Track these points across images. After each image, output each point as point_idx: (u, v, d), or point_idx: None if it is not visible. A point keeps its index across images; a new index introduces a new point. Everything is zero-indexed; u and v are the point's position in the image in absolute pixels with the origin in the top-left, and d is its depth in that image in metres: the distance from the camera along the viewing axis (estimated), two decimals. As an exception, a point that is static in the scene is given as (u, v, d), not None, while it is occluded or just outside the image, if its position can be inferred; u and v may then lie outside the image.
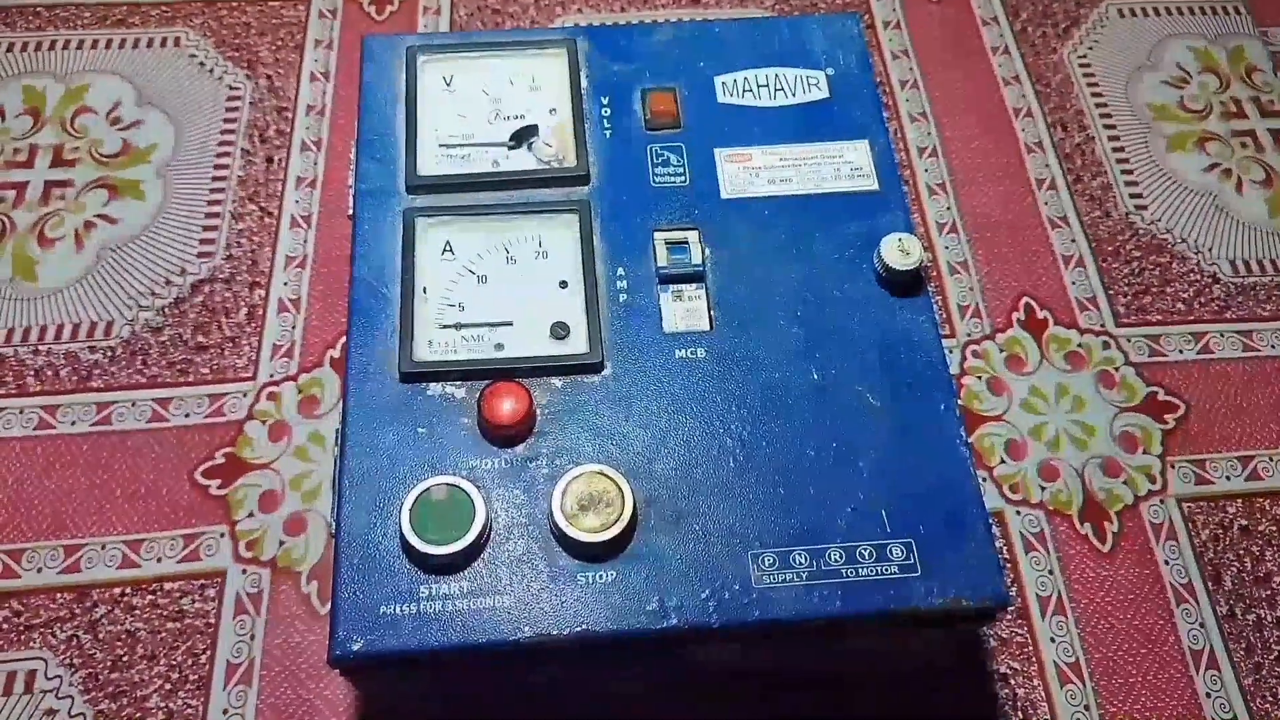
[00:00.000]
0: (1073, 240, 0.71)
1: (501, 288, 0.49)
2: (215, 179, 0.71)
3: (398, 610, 0.41)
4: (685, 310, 0.49)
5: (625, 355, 0.47)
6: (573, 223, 0.50)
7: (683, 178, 0.52)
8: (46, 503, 0.58)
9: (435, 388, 0.46)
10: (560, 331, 0.48)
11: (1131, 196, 0.74)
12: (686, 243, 0.50)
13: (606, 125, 0.54)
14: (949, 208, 0.72)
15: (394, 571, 0.42)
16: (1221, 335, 0.68)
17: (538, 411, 0.45)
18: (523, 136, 0.53)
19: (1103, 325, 0.68)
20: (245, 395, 0.62)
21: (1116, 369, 0.66)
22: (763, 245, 0.51)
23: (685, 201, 0.52)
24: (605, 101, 0.55)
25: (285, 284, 0.66)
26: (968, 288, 0.69)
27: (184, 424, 0.61)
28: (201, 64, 0.77)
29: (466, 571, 0.42)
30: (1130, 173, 0.75)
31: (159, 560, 0.57)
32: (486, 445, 0.45)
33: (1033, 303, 0.68)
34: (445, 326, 0.48)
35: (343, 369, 0.47)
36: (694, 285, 0.49)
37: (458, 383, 0.46)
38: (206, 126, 0.74)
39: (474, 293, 0.49)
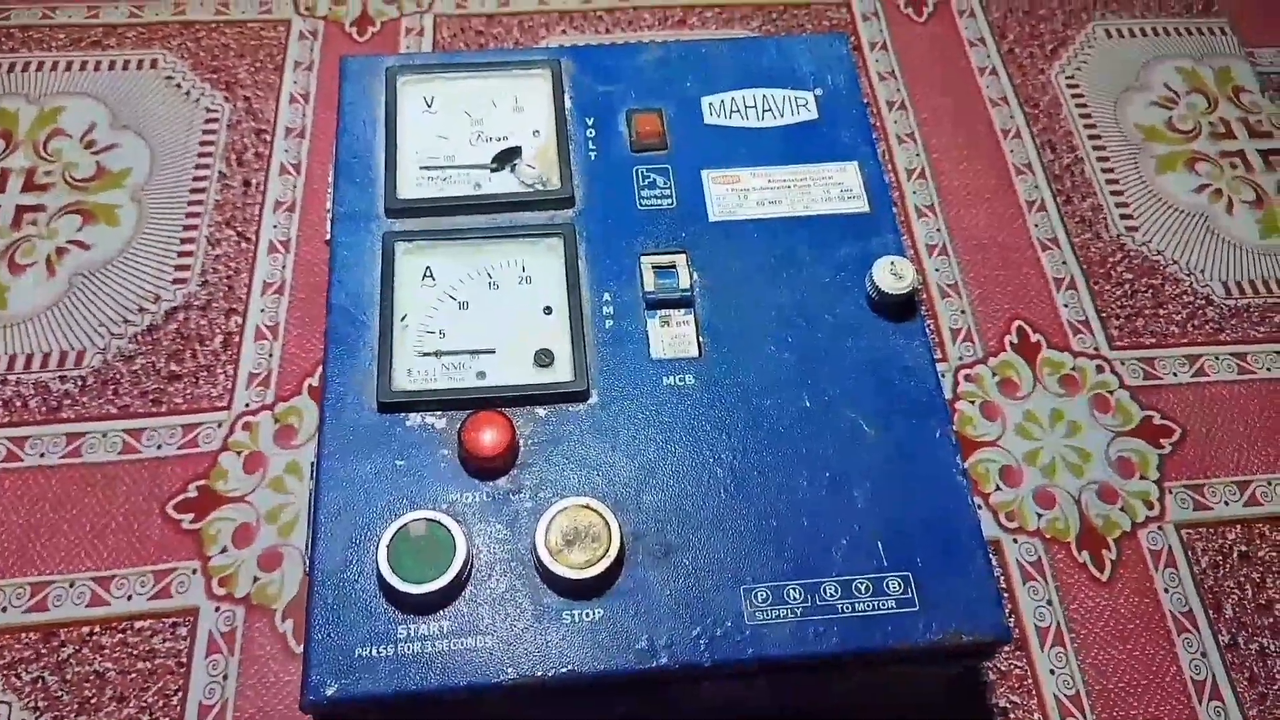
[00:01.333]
0: (1064, 262, 0.70)
1: (483, 314, 0.47)
2: (191, 203, 0.69)
3: (374, 652, 0.39)
4: (673, 336, 0.47)
5: (611, 383, 0.46)
6: (557, 247, 0.49)
7: (670, 200, 0.51)
8: (13, 538, 0.56)
9: (414, 418, 0.44)
10: (544, 359, 0.46)
11: (1122, 218, 0.73)
12: (674, 266, 0.49)
13: (591, 147, 0.53)
14: (939, 229, 0.71)
15: (370, 611, 0.40)
16: (1216, 358, 0.67)
17: (521, 442, 0.44)
18: (505, 159, 0.52)
19: (1096, 348, 0.67)
20: (220, 425, 0.60)
21: (1111, 393, 0.65)
22: (752, 268, 0.49)
23: (672, 224, 0.51)
24: (590, 123, 0.53)
25: (262, 311, 0.65)
26: (959, 310, 0.68)
27: (156, 455, 0.59)
28: (178, 86, 0.76)
29: (446, 610, 0.40)
30: (1120, 194, 0.75)
31: (129, 598, 0.55)
32: (467, 478, 0.43)
33: (1025, 326, 0.67)
34: (425, 354, 0.46)
35: (320, 398, 0.45)
36: (682, 310, 0.48)
37: (438, 413, 0.45)
38: (183, 150, 0.72)
39: (455, 319, 0.47)
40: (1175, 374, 0.66)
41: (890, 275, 0.47)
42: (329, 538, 0.42)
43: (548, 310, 0.48)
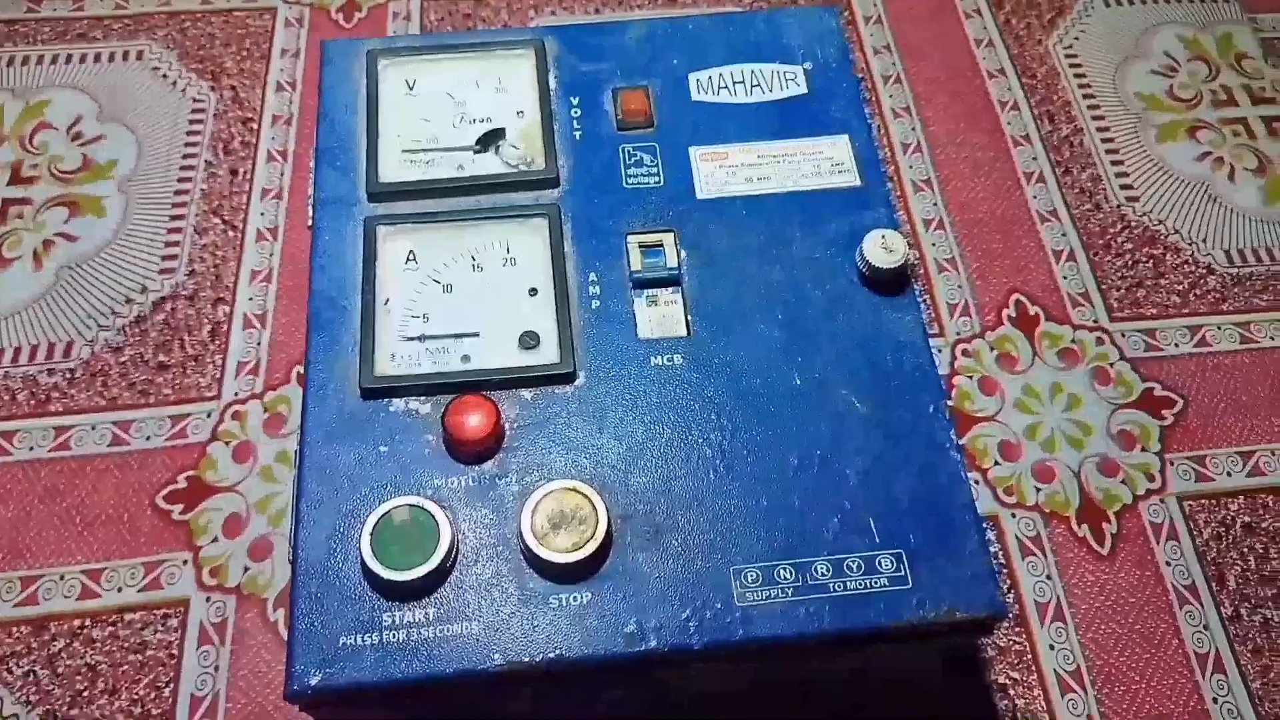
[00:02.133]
0: (1063, 234, 0.69)
1: (468, 297, 0.47)
2: (178, 193, 0.69)
3: (359, 640, 0.39)
4: (661, 316, 0.47)
5: (598, 364, 0.45)
6: (542, 227, 0.48)
7: (657, 178, 0.50)
8: (3, 532, 0.56)
9: (398, 403, 0.44)
10: (530, 341, 0.45)
11: (1122, 188, 0.72)
12: (661, 245, 0.48)
13: (576, 126, 0.52)
14: (935, 204, 0.70)
15: (355, 599, 0.40)
16: (1219, 328, 0.66)
17: (506, 425, 0.43)
18: (489, 140, 0.51)
19: (1096, 320, 0.66)
20: (209, 415, 0.60)
21: (1111, 365, 0.64)
22: (741, 246, 0.49)
23: (660, 203, 0.50)
24: (575, 102, 0.53)
25: (250, 299, 0.64)
26: (956, 285, 0.67)
27: (145, 447, 0.59)
28: (164, 76, 0.75)
29: (432, 597, 0.40)
30: (1120, 164, 0.73)
31: (119, 590, 0.54)
32: (452, 463, 0.43)
33: (1024, 299, 0.66)
34: (409, 339, 0.45)
35: (303, 385, 0.44)
36: (669, 289, 0.47)
37: (422, 398, 0.44)
38: (169, 140, 0.72)
39: (439, 303, 0.46)
40: (1177, 344, 0.65)
41: (881, 249, 0.47)
42: (312, 525, 0.41)
43: (533, 292, 0.47)
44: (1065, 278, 0.67)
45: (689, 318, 0.47)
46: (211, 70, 0.75)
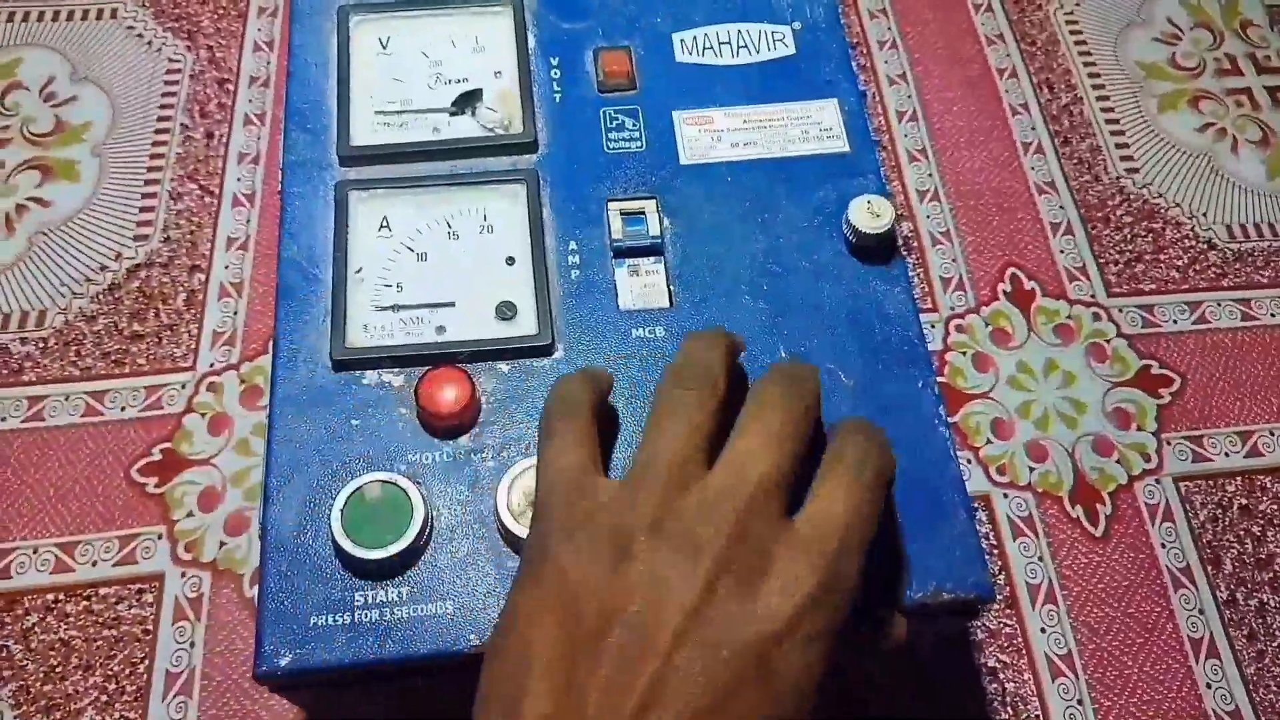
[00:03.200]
0: (1060, 206, 0.68)
1: (443, 265, 0.45)
2: (153, 157, 0.67)
3: (330, 620, 0.38)
4: (642, 285, 0.45)
5: (578, 336, 0.44)
6: (520, 194, 0.47)
7: (639, 143, 0.49)
8: (-28, 505, 0.55)
9: (371, 376, 0.42)
10: (507, 312, 0.44)
11: (1122, 159, 0.70)
12: (643, 213, 0.47)
13: (556, 88, 0.50)
14: (930, 174, 0.69)
15: (325, 578, 0.38)
16: (1218, 304, 0.64)
17: (482, 399, 0.42)
18: (466, 102, 0.49)
19: (1093, 296, 0.64)
20: (184, 386, 0.58)
21: (1108, 341, 0.62)
22: (725, 214, 0.47)
23: (642, 168, 0.48)
24: (554, 63, 0.51)
25: (226, 267, 0.62)
26: (950, 258, 0.65)
27: (119, 418, 0.57)
28: (140, 35, 0.73)
29: (405, 576, 0.39)
30: (1120, 134, 0.72)
31: (93, 564, 0.53)
32: (426, 437, 0.41)
33: (1019, 273, 0.65)
34: (382, 309, 0.44)
35: (272, 356, 0.43)
36: (652, 258, 0.46)
37: (395, 370, 0.43)
38: (144, 102, 0.70)
39: (413, 271, 0.45)
40: (1175, 321, 0.63)
41: (867, 214, 0.45)
42: (281, 503, 0.40)
43: (510, 261, 0.45)
44: (1062, 252, 0.66)
45: (671, 288, 0.45)
46: (188, 30, 0.73)
